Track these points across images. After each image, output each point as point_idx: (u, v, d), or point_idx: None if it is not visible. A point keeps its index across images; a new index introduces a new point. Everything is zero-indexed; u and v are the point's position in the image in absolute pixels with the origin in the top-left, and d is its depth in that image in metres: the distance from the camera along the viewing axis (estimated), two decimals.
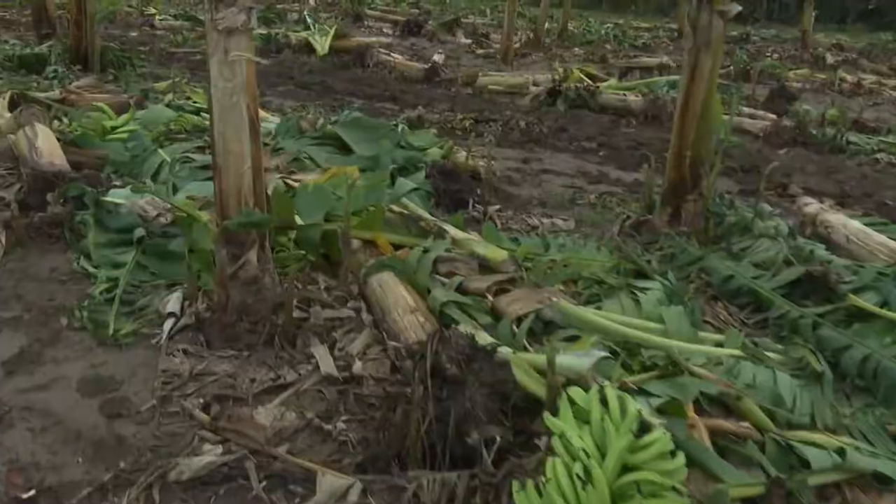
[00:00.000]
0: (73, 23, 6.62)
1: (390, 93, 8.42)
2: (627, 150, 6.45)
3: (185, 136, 4.77)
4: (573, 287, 3.17)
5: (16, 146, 4.09)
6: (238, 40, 2.59)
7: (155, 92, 6.34)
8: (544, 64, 12.33)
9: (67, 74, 6.51)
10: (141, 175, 4.39)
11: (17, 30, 10.67)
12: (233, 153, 2.67)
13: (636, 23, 23.85)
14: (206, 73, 8.75)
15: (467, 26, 17.53)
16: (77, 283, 3.07)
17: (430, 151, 4.82)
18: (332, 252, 3.22)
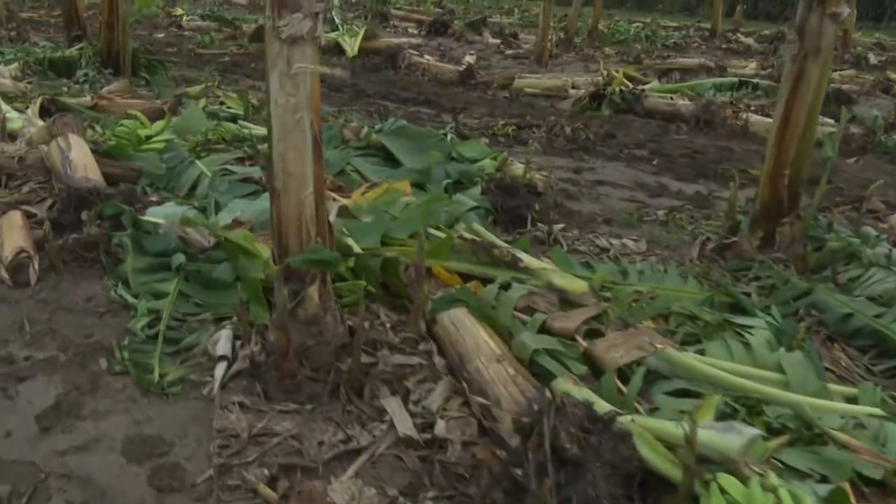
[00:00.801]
0: (104, 25, 6.37)
1: (425, 96, 8.10)
2: (681, 158, 6.08)
3: (224, 146, 4.48)
4: (663, 323, 2.84)
5: (48, 158, 3.82)
6: (303, 50, 2.28)
7: (188, 97, 6.08)
8: (578, 65, 11.98)
9: (98, 79, 6.26)
10: (178, 188, 4.11)
11: (46, 31, 10.48)
12: (294, 176, 2.36)
13: (663, 21, 23.35)
14: (236, 75, 8.53)
15: (493, 26, 17.18)
16: (115, 315, 2.78)
17: (482, 163, 4.49)
18: (392, 282, 2.91)
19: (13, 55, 7.19)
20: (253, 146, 4.46)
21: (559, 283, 2.87)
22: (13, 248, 2.96)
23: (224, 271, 3.00)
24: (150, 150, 4.41)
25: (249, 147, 4.44)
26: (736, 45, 17.81)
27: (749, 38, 18.83)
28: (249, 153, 4.40)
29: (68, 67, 6.56)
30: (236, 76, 8.71)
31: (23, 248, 2.96)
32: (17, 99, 5.64)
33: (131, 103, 5.63)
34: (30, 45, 8.51)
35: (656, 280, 3.19)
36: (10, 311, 2.75)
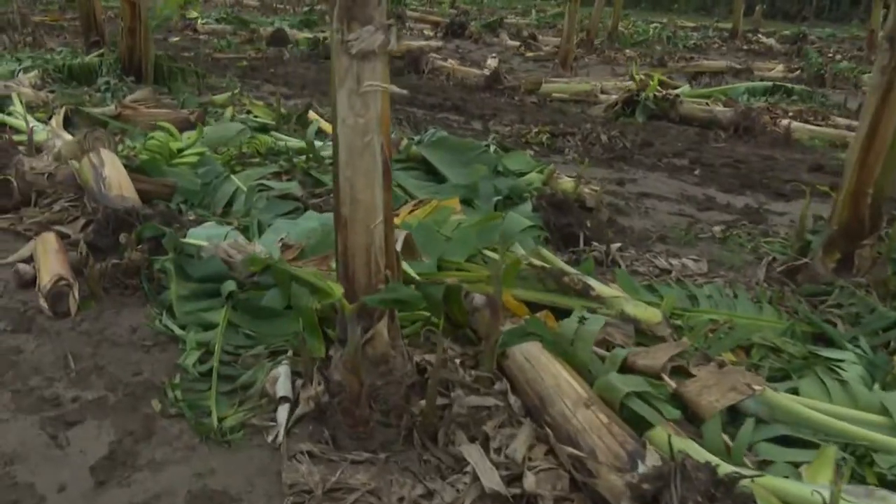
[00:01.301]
0: (126, 31, 6.21)
1: (451, 102, 7.92)
2: (724, 168, 5.88)
3: (259, 159, 4.32)
4: (743, 356, 2.65)
5: (80, 175, 3.66)
6: (374, 66, 2.10)
7: (213, 106, 5.92)
8: (602, 68, 11.77)
9: (120, 87, 6.12)
10: (213, 205, 3.95)
11: (61, 36, 10.35)
12: (362, 203, 2.18)
13: (680, 21, 23.10)
14: (256, 80, 8.36)
15: (510, 27, 17.00)
16: (163, 348, 2.62)
17: (529, 177, 4.31)
18: (454, 311, 2.73)
19: (31, 62, 7.05)
20: (289, 160, 4.30)
21: (632, 312, 2.69)
22: (51, 275, 2.80)
23: (274, 299, 2.84)
24: (183, 164, 4.25)
25: (285, 161, 4.28)
26: (757, 45, 17.56)
27: (770, 38, 18.58)
28: (285, 167, 4.23)
29: (89, 75, 6.42)
30: (256, 81, 8.56)
31: (62, 276, 2.80)
32: (39, 109, 5.50)
33: (156, 113, 5.47)
34: (46, 50, 8.38)
35: (728, 306, 3.01)
36: (52, 344, 2.59)
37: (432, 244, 3.17)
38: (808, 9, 27.17)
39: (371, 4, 2.08)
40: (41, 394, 2.32)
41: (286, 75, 9.07)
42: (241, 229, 3.42)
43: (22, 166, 3.75)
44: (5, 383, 2.37)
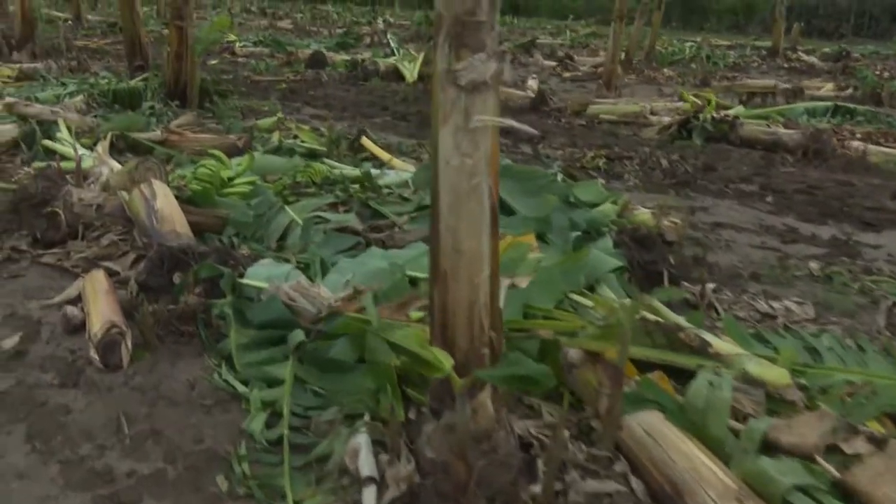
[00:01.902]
0: (172, 55, 6.06)
1: None
2: (798, 194, 5.51)
3: (314, 189, 4.06)
4: (891, 426, 2.29)
5: (130, 207, 3.43)
6: (485, 99, 1.81)
7: (258, 130, 5.71)
8: (646, 88, 11.46)
9: (165, 111, 5.94)
10: (267, 238, 3.69)
11: (104, 60, 10.32)
12: (466, 255, 1.88)
13: (714, 40, 22.71)
14: (296, 103, 8.20)
15: (543, 47, 16.81)
16: (225, 408, 2.34)
17: (603, 208, 3.99)
18: (550, 368, 2.41)
19: (76, 87, 6.94)
20: (345, 189, 4.03)
21: (755, 371, 2.34)
22: (103, 321, 2.54)
23: (343, 350, 2.54)
24: (234, 193, 4.01)
25: (342, 191, 4.01)
26: (798, 63, 17.13)
27: (811, 56, 18.13)
28: (342, 198, 3.97)
29: (133, 99, 6.26)
30: (296, 104, 8.38)
31: (114, 323, 2.54)
32: (85, 134, 5.33)
33: (202, 138, 5.27)
34: (90, 74, 8.30)
35: (857, 362, 2.65)
36: (104, 402, 2.32)
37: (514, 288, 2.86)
38: (846, 26, 26.64)
39: (484, 29, 1.79)
40: (92, 465, 2.04)
41: (325, 97, 8.89)
42: (302, 267, 3.15)
43: (70, 197, 3.53)
44: (53, 450, 2.10)
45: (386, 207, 3.86)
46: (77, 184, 3.78)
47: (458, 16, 1.79)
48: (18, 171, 4.77)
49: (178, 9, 5.82)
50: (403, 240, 3.36)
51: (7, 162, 4.97)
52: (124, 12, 7.30)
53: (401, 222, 3.57)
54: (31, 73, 8.13)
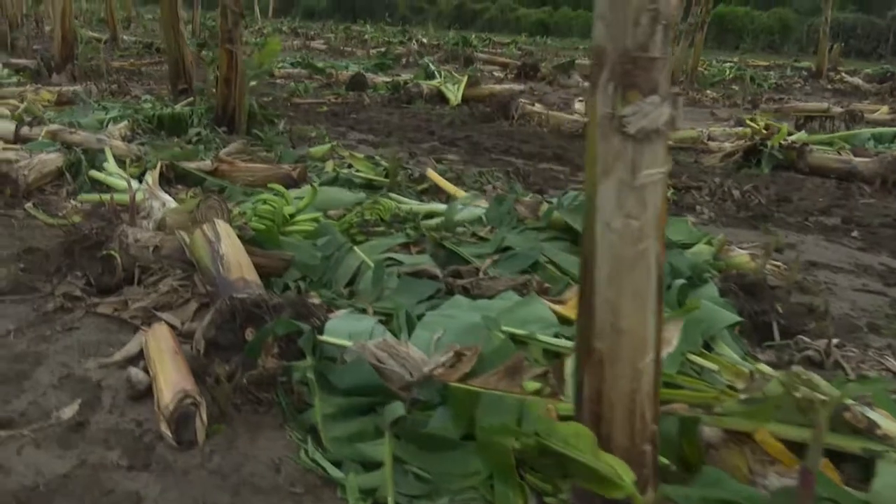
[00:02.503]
0: (222, 80, 5.85)
1: (551, 150, 7.36)
2: (885, 229, 5.13)
3: (383, 227, 3.77)
4: None
5: (193, 251, 3.16)
6: (655, 150, 1.51)
7: (311, 158, 5.47)
8: (696, 111, 11.10)
9: (212, 138, 5.72)
10: (334, 282, 3.41)
11: (143, 81, 10.21)
12: (628, 335, 1.57)
13: (751, 60, 22.31)
14: (340, 127, 7.91)
15: (581, 68, 16.51)
16: (317, 496, 2.03)
17: (696, 249, 3.65)
18: (687, 450, 2.08)
19: (119, 111, 6.77)
20: (416, 227, 3.74)
21: None
22: (174, 391, 2.25)
23: (444, 424, 2.23)
24: (296, 231, 3.74)
25: (413, 229, 3.72)
26: (842, 84, 16.67)
27: (854, 77, 17.66)
28: (413, 237, 3.68)
29: (179, 125, 6.06)
30: (341, 128, 8.16)
31: (186, 392, 2.25)
32: (132, 163, 5.11)
33: (255, 168, 5.03)
34: (131, 98, 8.16)
35: None
36: (180, 489, 2.02)
37: None
38: (884, 46, 26.05)
39: (657, 67, 1.50)
40: None
41: (369, 121, 8.67)
42: (382, 320, 2.84)
43: (126, 238, 3.28)
44: None
45: (463, 248, 3.56)
46: (132, 223, 3.53)
47: (626, 51, 1.50)
48: (65, 204, 4.55)
49: (228, 32, 5.62)
50: (491, 288, 3.05)
51: (52, 193, 4.76)
52: (168, 33, 7.15)
53: (483, 266, 3.26)
54: (71, 97, 8.01)
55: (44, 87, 8.81)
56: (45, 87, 8.81)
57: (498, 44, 23.41)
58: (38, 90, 8.49)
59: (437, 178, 4.55)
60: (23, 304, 3.14)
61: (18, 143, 6.10)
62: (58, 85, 9.03)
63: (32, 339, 2.83)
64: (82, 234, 3.21)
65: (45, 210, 4.40)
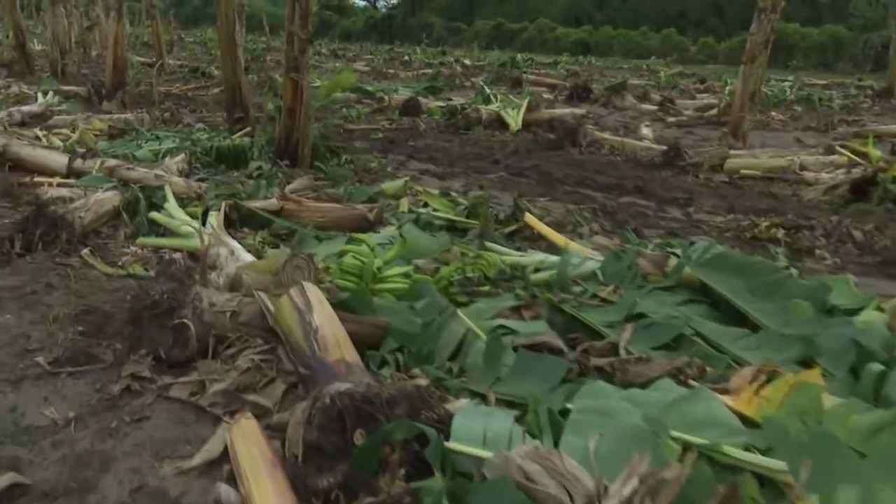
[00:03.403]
0: (285, 111, 5.44)
1: (630, 182, 6.80)
2: None
3: (488, 286, 3.25)
4: None
5: (278, 320, 2.69)
6: None
7: (383, 196, 5.00)
8: (776, 136, 10.44)
9: (275, 172, 5.30)
10: (437, 355, 2.90)
11: (193, 107, 9.93)
12: None
13: (807, 79, 21.47)
14: (398, 155, 7.42)
15: (632, 88, 15.95)
16: None
17: (865, 316, 3.06)
18: None
19: (173, 142, 6.42)
20: (527, 287, 3.22)
21: None
22: None
23: None
24: (388, 290, 3.24)
25: (522, 289, 3.20)
26: None
27: None
28: (524, 298, 3.15)
29: (238, 158, 5.66)
30: (398, 156, 7.72)
31: None
32: (192, 202, 4.70)
33: (325, 208, 4.57)
34: (184, 126, 7.84)
35: None
36: None
37: (840, 466, 1.96)
38: None
39: None
40: None
41: (428, 149, 8.22)
42: (517, 417, 2.31)
43: (200, 302, 2.82)
44: None
45: (586, 314, 3.03)
46: (203, 281, 3.07)
47: None
48: (123, 249, 4.14)
49: (294, 60, 5.21)
50: (641, 374, 2.50)
51: (109, 237, 4.36)
52: (225, 60, 6.80)
53: (622, 342, 2.72)
54: (124, 126, 7.72)
55: (95, 115, 8.57)
56: (97, 115, 8.57)
57: (540, 64, 22.95)
58: (89, 118, 8.24)
59: (537, 224, 4.02)
60: (83, 380, 2.70)
61: (71, 176, 5.79)
62: (108, 112, 8.79)
63: (97, 431, 2.37)
64: (151, 298, 2.75)
65: (102, 257, 3.99)
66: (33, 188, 5.25)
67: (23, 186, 5.44)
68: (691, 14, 42.96)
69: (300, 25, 5.12)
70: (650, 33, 33.93)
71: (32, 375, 2.72)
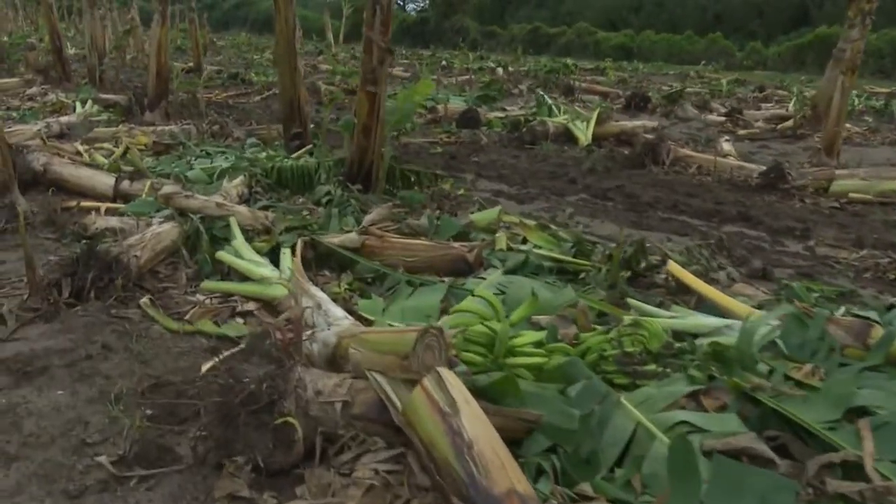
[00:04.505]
0: (360, 129, 4.80)
1: (731, 208, 6.08)
2: None
3: (652, 364, 2.58)
4: None
5: (411, 421, 2.06)
6: None
7: (473, 229, 4.36)
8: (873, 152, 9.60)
9: (346, 198, 4.69)
10: (600, 458, 2.25)
11: (240, 119, 9.38)
12: None
13: (868, 87, 20.41)
14: (463, 172, 6.31)
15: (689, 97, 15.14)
16: None
17: None
18: None
19: (227, 160, 5.84)
20: (701, 365, 2.55)
21: None
22: None
23: None
24: (523, 366, 2.60)
25: (698, 369, 2.53)
26: None
27: None
28: (701, 382, 2.48)
29: (303, 181, 5.08)
30: (464, 173, 7.07)
31: None
32: (259, 235, 4.11)
33: (414, 246, 3.94)
34: (233, 140, 7.29)
35: None
36: None
37: None
38: None
39: None
40: None
41: (494, 165, 7.57)
42: None
43: (304, 390, 2.20)
44: None
45: (789, 405, 2.35)
46: (303, 358, 2.46)
47: None
48: (186, 296, 3.56)
49: (372, 71, 4.58)
50: None
51: (167, 279, 3.78)
52: (283, 69, 6.21)
53: (866, 456, 2.04)
54: (170, 140, 7.19)
55: (137, 126, 8.06)
56: (139, 126, 8.06)
57: (584, 70, 22.19)
58: (132, 131, 7.73)
59: (683, 274, 3.34)
60: (160, 491, 2.10)
61: (118, 199, 5.25)
62: (151, 124, 8.28)
63: None
64: (245, 389, 2.14)
65: (163, 306, 3.41)
66: (79, 215, 4.71)
67: (67, 212, 4.91)
68: (730, 18, 41.74)
69: (381, 32, 4.49)
70: (695, 37, 32.90)
71: (95, 484, 2.13)
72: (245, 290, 3.50)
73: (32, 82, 12.52)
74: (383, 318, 3.21)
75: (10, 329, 3.07)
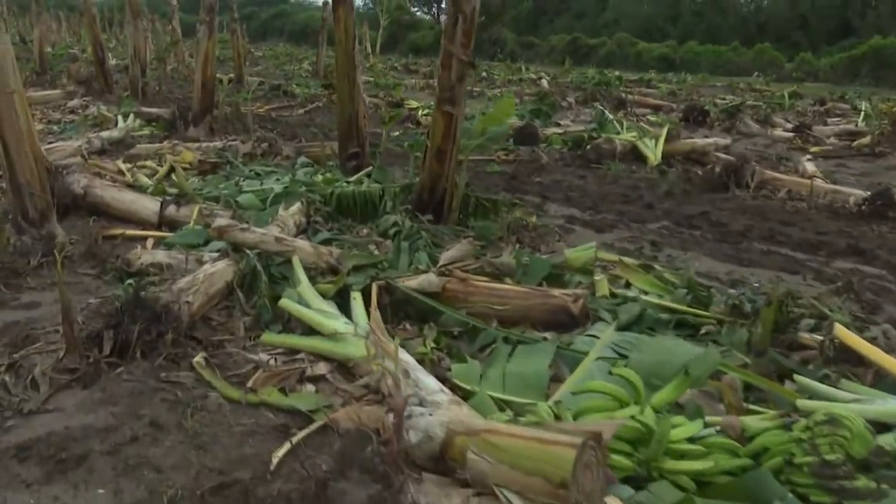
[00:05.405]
0: (433, 154, 4.26)
1: (837, 238, 5.42)
2: None
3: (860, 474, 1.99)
4: None
5: None
6: None
7: (568, 269, 3.79)
8: None
9: (416, 230, 4.16)
10: None
11: (286, 134, 8.94)
12: None
13: None
14: (529, 195, 5.20)
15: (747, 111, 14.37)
16: None
17: None
18: None
19: (279, 183, 5.36)
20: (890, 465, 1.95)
21: None
22: None
23: None
24: (684, 473, 2.02)
25: None
26: None
27: None
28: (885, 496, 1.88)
29: (366, 209, 4.58)
30: (528, 196, 6.50)
31: None
32: (324, 276, 3.60)
33: (503, 292, 3.38)
34: (283, 159, 6.83)
35: None
36: None
37: None
38: None
39: None
40: None
41: (560, 187, 6.99)
42: None
43: None
44: None
45: None
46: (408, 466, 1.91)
47: None
48: (245, 351, 3.05)
49: (450, 89, 4.04)
50: None
51: (222, 327, 3.27)
52: (342, 84, 5.73)
53: None
54: (216, 158, 6.76)
55: (181, 142, 7.68)
56: (183, 142, 7.67)
57: (629, 81, 21.48)
58: (176, 147, 7.34)
59: (855, 341, 2.72)
60: None
61: (163, 226, 4.80)
62: (196, 140, 7.89)
63: None
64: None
65: (220, 365, 2.90)
66: (122, 247, 4.26)
67: (109, 241, 4.47)
68: (773, 28, 40.59)
69: (462, 44, 3.96)
70: (741, 48, 31.93)
71: None
72: (315, 346, 2.98)
73: (74, 94, 12.30)
74: (482, 387, 2.67)
75: (42, 396, 2.59)
